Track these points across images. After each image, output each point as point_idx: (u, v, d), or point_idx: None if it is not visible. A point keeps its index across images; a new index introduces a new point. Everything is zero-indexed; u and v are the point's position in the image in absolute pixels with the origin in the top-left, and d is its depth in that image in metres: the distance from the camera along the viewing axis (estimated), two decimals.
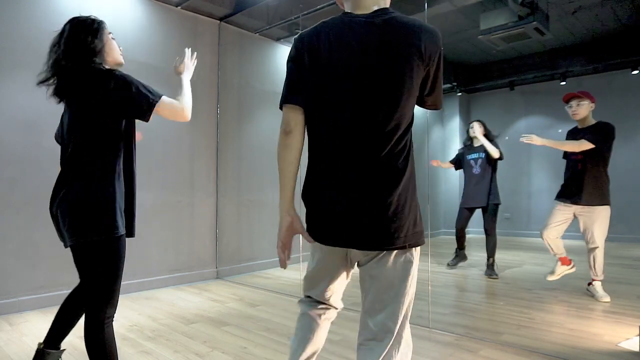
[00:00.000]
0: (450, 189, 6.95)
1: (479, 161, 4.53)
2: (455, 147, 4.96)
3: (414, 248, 1.23)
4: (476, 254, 5.72)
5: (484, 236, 4.50)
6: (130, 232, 1.77)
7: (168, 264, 4.21)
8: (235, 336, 2.72)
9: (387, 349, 1.21)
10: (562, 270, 3.71)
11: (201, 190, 4.52)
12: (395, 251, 1.21)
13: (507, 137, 6.27)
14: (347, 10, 1.29)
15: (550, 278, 3.73)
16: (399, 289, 1.22)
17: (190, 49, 2.08)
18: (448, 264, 4.81)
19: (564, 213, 3.56)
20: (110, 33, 1.79)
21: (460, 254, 4.85)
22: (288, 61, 1.29)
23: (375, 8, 1.24)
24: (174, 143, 4.26)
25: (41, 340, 1.96)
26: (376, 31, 1.19)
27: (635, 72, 5.39)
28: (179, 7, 4.34)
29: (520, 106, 6.57)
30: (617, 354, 2.37)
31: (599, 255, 3.45)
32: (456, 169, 4.91)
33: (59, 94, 1.70)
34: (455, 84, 7.12)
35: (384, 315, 1.22)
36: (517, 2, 4.22)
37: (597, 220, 3.40)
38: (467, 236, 4.81)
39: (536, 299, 3.59)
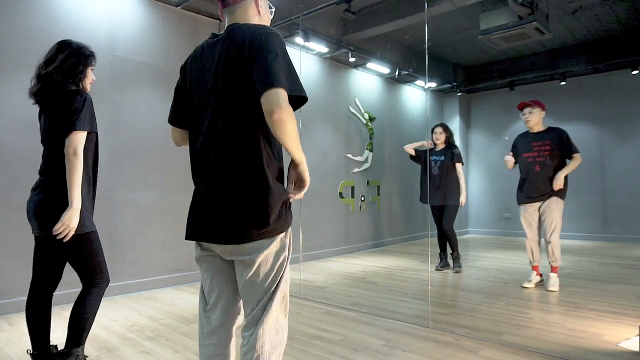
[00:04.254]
0: None
1: (439, 163, 4.75)
2: None
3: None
4: (476, 254, 5.72)
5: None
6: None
7: (168, 264, 4.21)
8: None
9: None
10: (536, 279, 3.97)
11: None
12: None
13: (507, 137, 6.25)
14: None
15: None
16: None
17: None
18: (436, 268, 4.83)
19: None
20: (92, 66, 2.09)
21: (444, 257, 4.88)
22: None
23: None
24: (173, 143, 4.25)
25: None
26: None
27: (635, 72, 5.38)
28: (179, 7, 4.33)
29: None
30: (617, 354, 2.37)
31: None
32: (416, 161, 5.00)
33: (37, 97, 1.98)
34: (455, 84, 7.12)
35: None
36: (517, 2, 4.22)
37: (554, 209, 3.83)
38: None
39: (536, 299, 3.59)
